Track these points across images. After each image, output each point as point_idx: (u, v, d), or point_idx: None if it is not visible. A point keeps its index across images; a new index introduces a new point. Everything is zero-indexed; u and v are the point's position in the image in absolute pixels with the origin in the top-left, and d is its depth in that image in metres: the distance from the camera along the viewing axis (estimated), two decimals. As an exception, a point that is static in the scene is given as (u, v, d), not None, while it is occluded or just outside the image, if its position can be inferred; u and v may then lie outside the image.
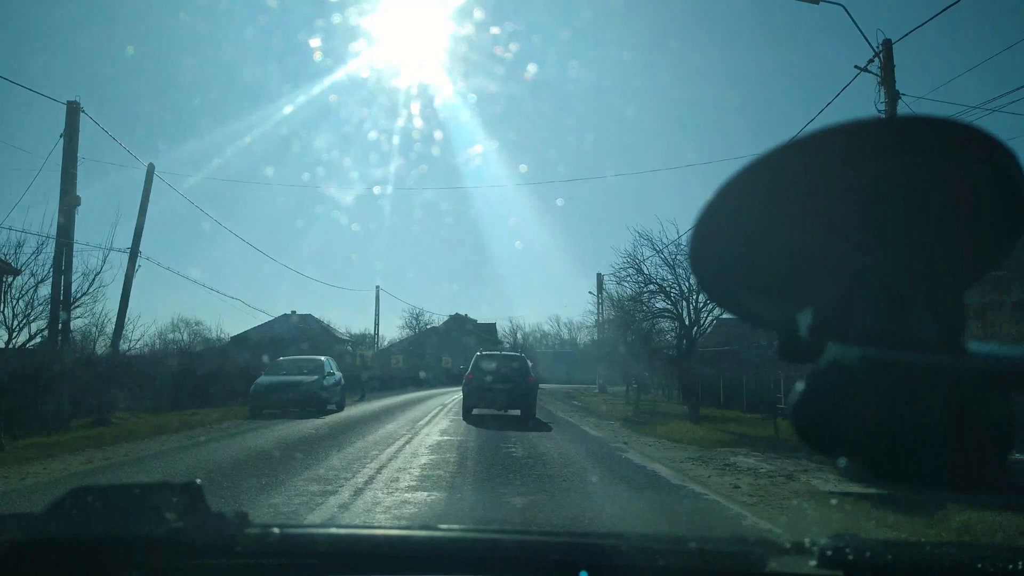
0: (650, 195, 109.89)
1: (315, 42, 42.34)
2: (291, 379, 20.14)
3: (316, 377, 20.60)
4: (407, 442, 12.77)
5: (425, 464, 9.93)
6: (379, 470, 9.34)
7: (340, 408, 21.55)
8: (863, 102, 13.31)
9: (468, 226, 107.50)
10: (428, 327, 74.46)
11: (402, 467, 9.64)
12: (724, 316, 20.69)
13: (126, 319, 19.88)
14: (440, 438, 13.57)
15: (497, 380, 18.19)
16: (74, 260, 17.20)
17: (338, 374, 22.87)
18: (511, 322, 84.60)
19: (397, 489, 7.96)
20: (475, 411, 18.35)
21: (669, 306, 22.25)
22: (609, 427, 17.92)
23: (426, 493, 7.78)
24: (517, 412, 18.05)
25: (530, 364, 19.76)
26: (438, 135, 55.72)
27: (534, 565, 1.44)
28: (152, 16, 56.15)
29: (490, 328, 76.30)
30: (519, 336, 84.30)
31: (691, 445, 13.33)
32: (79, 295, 17.75)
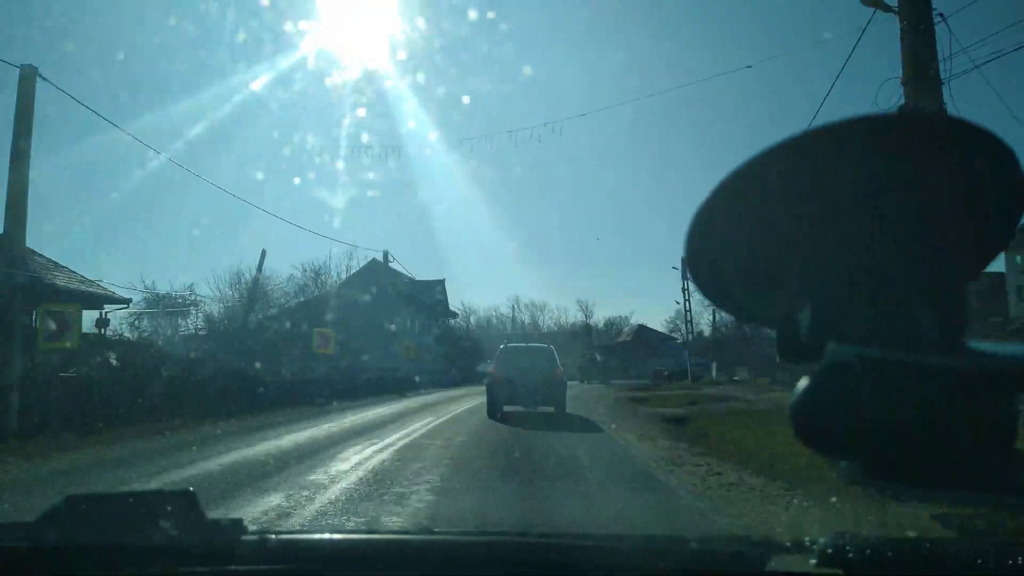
0: (622, 185, 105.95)
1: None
2: None
3: None
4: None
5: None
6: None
7: None
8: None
9: (414, 206, 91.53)
10: (333, 283, 43.49)
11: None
12: None
13: None
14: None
15: (524, 374, 16.96)
16: None
17: None
18: (463, 305, 67.74)
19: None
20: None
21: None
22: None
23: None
24: (550, 409, 16.90)
25: (557, 356, 18.57)
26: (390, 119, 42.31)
27: (533, 567, 1.44)
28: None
29: (432, 289, 49.79)
30: (472, 321, 70.38)
31: None
32: None
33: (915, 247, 0.72)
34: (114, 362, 17.50)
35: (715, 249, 0.75)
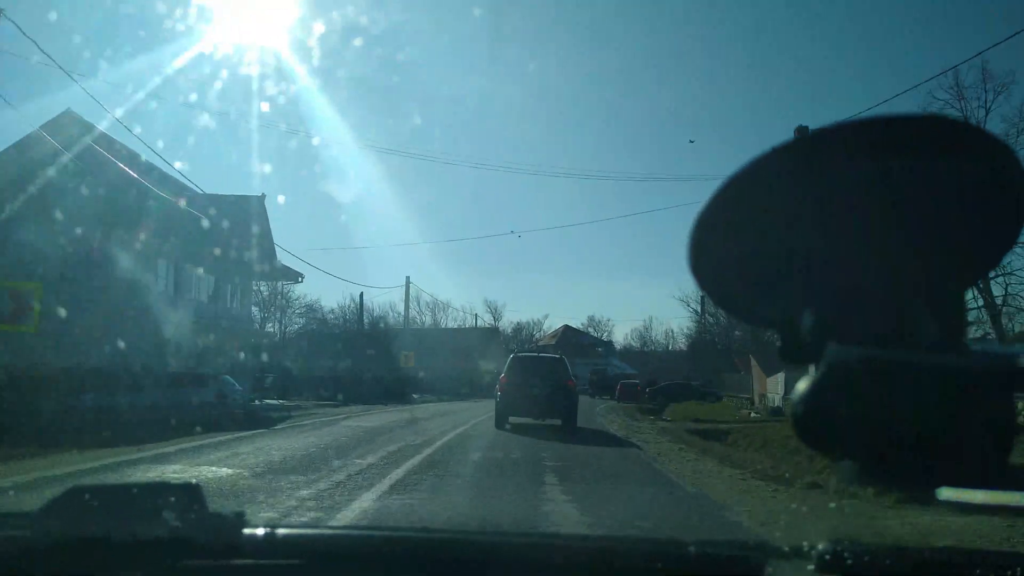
0: (535, 184, 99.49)
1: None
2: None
3: None
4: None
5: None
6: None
7: None
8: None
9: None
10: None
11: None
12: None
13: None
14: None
15: (534, 385, 16.45)
16: None
17: None
18: (354, 301, 50.76)
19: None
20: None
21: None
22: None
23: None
24: (557, 421, 16.38)
25: (569, 366, 18.10)
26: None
27: (533, 568, 1.44)
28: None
29: (236, 213, 23.86)
30: (366, 320, 51.41)
31: None
32: None
33: (916, 249, 0.72)
34: None
35: (718, 250, 0.75)
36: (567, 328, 72.70)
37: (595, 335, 75.77)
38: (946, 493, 0.67)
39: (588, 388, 50.87)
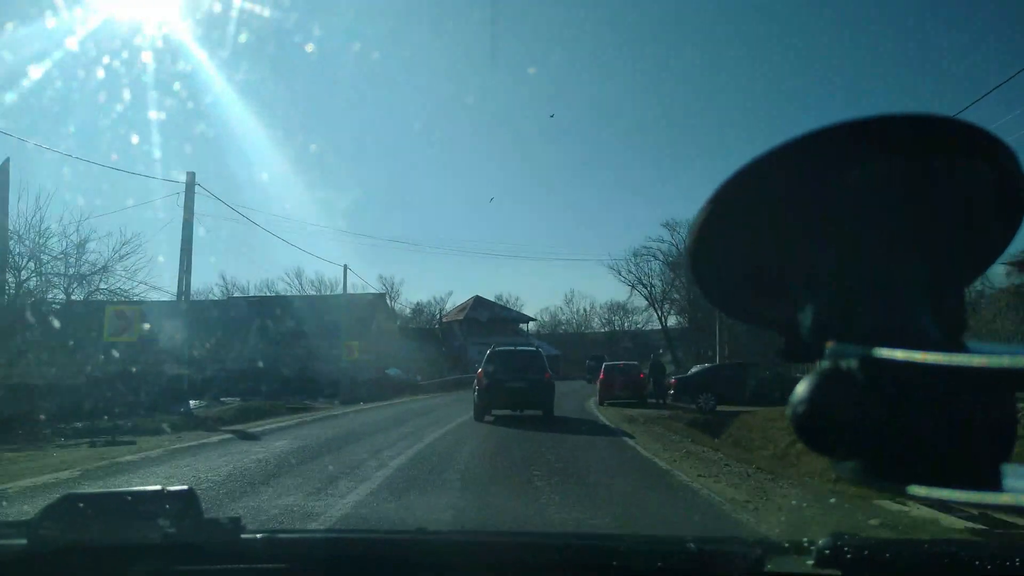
0: (432, 164, 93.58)
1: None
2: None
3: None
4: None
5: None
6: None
7: None
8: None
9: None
10: None
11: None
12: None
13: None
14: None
15: (512, 377, 17.25)
16: None
17: None
18: (224, 279, 48.90)
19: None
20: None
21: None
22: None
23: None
24: (538, 412, 17.23)
25: (546, 358, 18.98)
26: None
27: (530, 567, 1.44)
28: None
29: None
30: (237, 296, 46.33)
31: None
32: None
33: (917, 249, 0.72)
34: None
35: (719, 251, 0.75)
36: (478, 299, 63.36)
37: (511, 309, 66.84)
38: (917, 490, 0.67)
39: (586, 375, 45.50)
